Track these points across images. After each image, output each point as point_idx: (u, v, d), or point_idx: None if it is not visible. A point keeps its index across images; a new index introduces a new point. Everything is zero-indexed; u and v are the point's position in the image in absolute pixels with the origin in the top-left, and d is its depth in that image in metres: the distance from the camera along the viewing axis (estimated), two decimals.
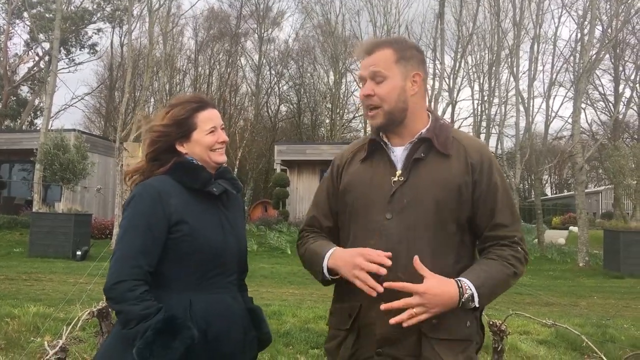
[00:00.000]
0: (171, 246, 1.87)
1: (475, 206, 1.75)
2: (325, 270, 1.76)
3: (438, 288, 1.60)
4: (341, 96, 34.94)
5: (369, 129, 29.21)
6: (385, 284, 1.61)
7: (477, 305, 1.64)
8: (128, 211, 1.90)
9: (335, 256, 1.74)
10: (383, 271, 1.63)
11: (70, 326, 3.14)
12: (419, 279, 1.66)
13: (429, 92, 2.01)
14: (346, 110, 36.44)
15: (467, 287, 1.62)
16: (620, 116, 25.52)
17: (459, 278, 1.65)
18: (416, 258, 1.62)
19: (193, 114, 2.01)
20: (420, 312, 1.59)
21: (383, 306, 1.61)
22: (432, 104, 20.97)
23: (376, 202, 1.76)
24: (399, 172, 1.77)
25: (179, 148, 2.01)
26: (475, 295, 1.62)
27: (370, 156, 1.86)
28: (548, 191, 49.44)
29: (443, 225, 1.71)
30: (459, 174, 1.73)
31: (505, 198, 1.76)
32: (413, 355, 1.67)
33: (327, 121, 35.46)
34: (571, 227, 27.00)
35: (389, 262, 1.63)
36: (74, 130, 21.16)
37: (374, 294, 1.62)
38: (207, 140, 2.00)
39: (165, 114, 2.03)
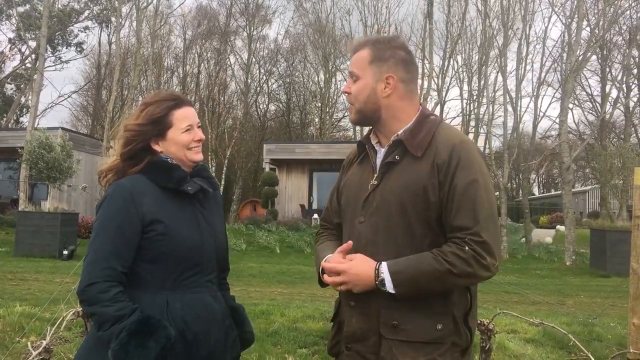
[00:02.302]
0: (146, 246, 1.85)
1: (440, 208, 1.71)
2: (322, 276, 1.86)
3: (358, 268, 1.69)
4: (331, 95, 34.93)
5: (358, 128, 29.19)
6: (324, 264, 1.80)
7: (392, 292, 1.66)
8: (100, 212, 1.88)
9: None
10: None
11: (55, 326, 3.11)
12: None
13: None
14: (335, 110, 36.45)
15: (382, 271, 1.67)
16: (607, 116, 25.73)
17: (380, 263, 1.69)
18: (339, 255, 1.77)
19: (169, 112, 1.97)
20: (346, 289, 1.72)
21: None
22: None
23: (356, 206, 1.84)
24: (375, 175, 1.82)
25: (155, 147, 1.99)
26: (387, 280, 1.66)
27: (362, 159, 1.93)
28: (535, 190, 49.76)
29: (409, 228, 1.72)
30: (425, 176, 1.71)
31: (466, 199, 1.67)
32: (374, 353, 1.73)
33: (317, 120, 35.43)
34: (558, 226, 27.20)
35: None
36: (59, 128, 20.99)
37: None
38: (183, 138, 1.97)
39: (140, 112, 1.99)
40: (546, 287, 11.47)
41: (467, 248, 1.65)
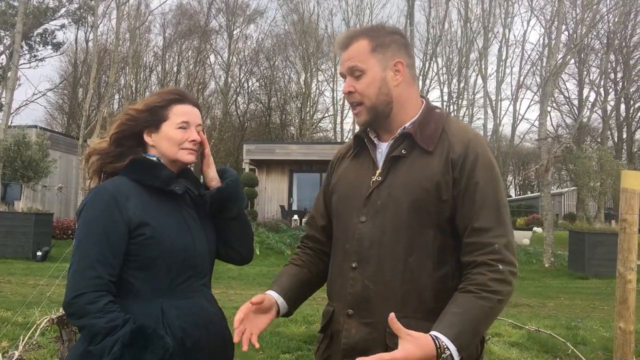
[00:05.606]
0: (135, 252, 1.72)
1: (454, 207, 1.57)
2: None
3: (417, 354, 1.37)
4: (311, 96, 34.87)
5: (338, 129, 29.13)
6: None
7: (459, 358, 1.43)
8: (81, 219, 1.73)
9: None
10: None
11: (29, 334, 2.96)
12: (388, 288, 1.58)
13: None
14: (316, 110, 36.41)
15: (445, 347, 1.40)
16: (585, 119, 26.09)
17: (434, 334, 1.42)
18: (392, 316, 1.40)
19: (169, 104, 1.86)
20: None
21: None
22: None
23: (355, 204, 1.66)
24: (378, 171, 1.65)
25: (146, 139, 1.87)
26: (455, 353, 1.41)
27: (358, 154, 1.75)
28: (512, 192, 50.30)
29: (419, 228, 1.57)
30: (438, 172, 1.57)
31: (487, 198, 1.54)
32: None
33: (296, 121, 35.34)
34: (535, 228, 27.47)
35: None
36: (36, 126, 20.60)
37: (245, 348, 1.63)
38: (176, 135, 1.84)
39: (143, 101, 1.91)
40: (526, 289, 11.51)
41: (500, 266, 1.51)
